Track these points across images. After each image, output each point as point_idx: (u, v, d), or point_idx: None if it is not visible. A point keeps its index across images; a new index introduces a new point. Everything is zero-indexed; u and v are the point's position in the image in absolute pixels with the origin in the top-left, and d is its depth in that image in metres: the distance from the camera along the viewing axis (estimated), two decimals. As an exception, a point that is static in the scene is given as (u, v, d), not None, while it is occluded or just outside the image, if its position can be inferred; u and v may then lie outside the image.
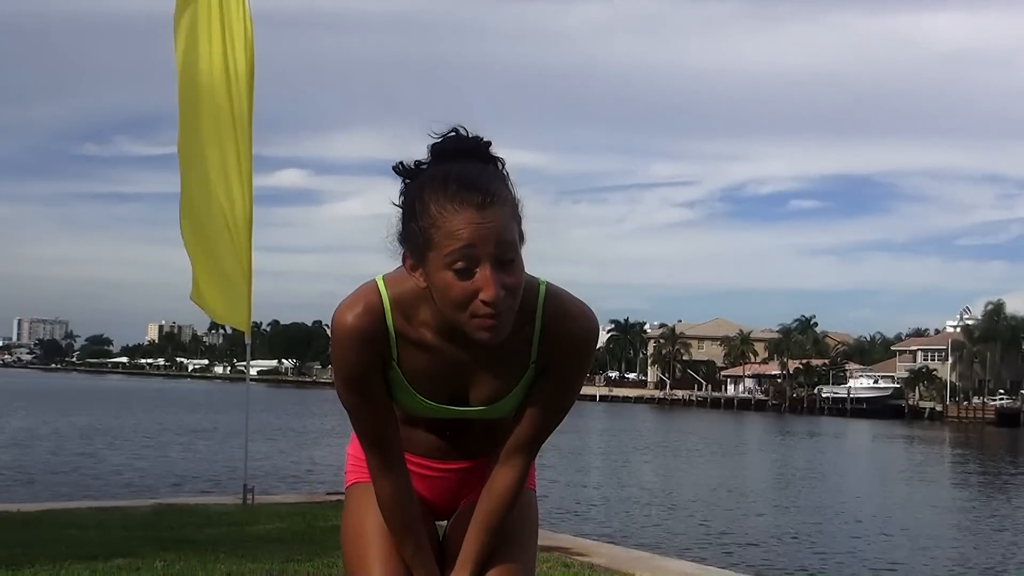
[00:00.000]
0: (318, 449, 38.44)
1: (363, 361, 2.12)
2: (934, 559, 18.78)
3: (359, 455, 2.31)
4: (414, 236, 2.01)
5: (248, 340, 10.66)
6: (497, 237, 1.95)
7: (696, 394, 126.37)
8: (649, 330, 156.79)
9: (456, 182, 1.97)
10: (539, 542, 2.45)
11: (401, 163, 2.09)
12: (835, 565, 17.28)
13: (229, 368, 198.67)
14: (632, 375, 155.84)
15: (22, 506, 9.76)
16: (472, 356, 2.14)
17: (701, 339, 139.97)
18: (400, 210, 2.07)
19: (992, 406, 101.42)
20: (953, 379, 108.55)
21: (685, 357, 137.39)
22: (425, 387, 2.17)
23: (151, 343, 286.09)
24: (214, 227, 9.93)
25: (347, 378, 2.15)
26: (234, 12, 9.83)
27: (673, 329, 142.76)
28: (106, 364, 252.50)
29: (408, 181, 2.07)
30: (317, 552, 7.10)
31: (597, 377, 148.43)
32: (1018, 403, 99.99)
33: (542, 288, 2.15)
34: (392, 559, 2.22)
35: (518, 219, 2.03)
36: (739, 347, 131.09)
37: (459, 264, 1.94)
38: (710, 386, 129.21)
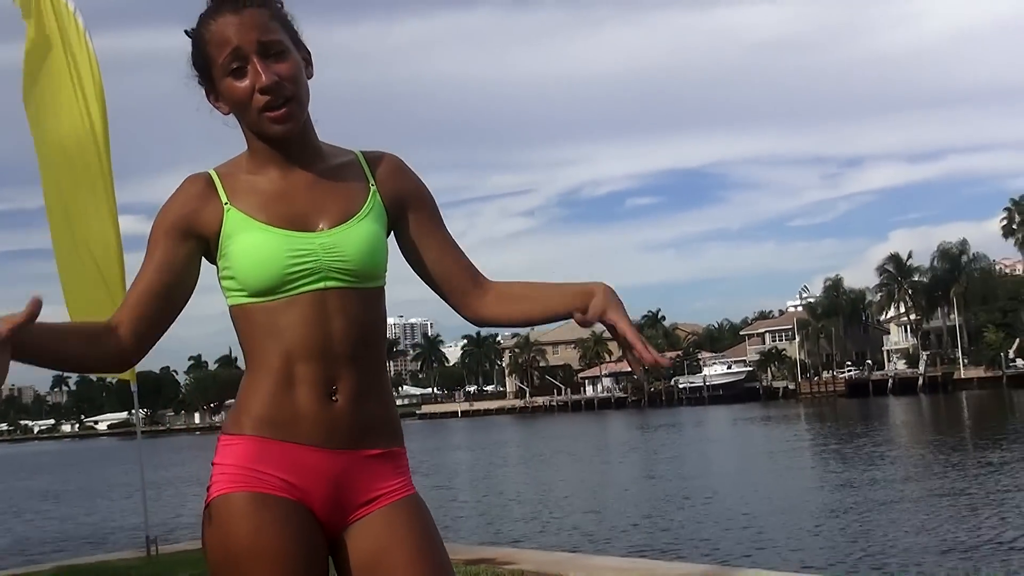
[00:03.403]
0: (199, 494, 37.50)
1: (178, 212, 2.18)
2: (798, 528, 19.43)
3: (225, 461, 2.19)
4: (199, 65, 2.19)
5: (135, 387, 10.65)
6: (257, 33, 2.12)
7: (556, 399, 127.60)
8: (503, 341, 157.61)
9: (213, 1, 2.16)
10: (462, 556, 2.52)
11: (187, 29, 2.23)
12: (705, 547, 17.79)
13: (77, 425, 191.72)
14: (490, 387, 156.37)
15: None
16: (306, 178, 2.22)
17: (555, 344, 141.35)
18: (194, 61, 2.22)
19: (841, 378, 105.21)
20: (802, 356, 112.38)
21: (542, 363, 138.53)
22: (267, 214, 2.17)
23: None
24: (89, 278, 9.78)
25: (154, 237, 2.19)
26: (82, 68, 9.72)
27: (527, 337, 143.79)
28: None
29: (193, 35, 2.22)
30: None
31: (456, 393, 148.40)
32: (865, 373, 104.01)
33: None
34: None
35: (287, 26, 2.19)
36: (593, 348, 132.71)
37: (232, 65, 2.12)
38: (569, 389, 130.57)
